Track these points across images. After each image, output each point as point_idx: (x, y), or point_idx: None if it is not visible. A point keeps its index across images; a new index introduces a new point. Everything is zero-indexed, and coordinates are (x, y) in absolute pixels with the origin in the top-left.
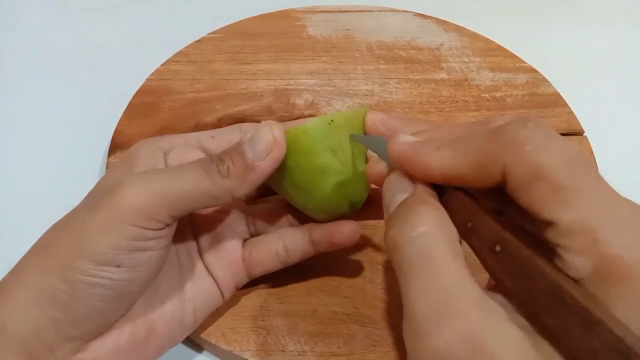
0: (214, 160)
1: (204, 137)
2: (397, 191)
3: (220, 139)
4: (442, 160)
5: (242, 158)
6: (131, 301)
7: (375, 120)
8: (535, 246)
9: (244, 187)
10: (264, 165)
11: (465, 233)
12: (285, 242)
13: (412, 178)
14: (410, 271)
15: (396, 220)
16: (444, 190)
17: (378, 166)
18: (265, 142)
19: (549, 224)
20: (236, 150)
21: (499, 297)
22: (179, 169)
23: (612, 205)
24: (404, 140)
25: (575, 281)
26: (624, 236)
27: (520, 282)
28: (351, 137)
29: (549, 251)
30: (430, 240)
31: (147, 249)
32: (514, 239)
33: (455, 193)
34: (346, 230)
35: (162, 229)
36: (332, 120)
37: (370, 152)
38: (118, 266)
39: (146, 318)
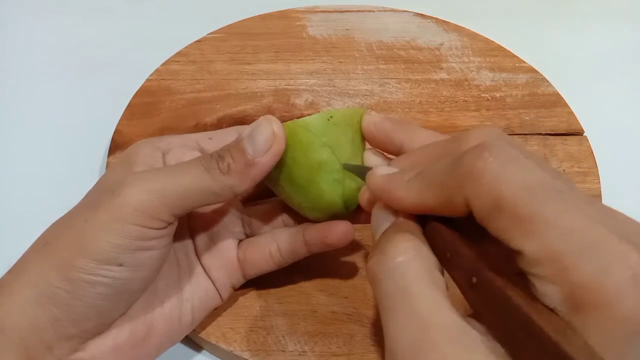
0: (214, 157)
1: (202, 138)
2: (381, 222)
3: (218, 141)
4: (411, 194)
5: (242, 154)
6: (131, 300)
7: (369, 123)
8: (519, 275)
9: (245, 183)
10: (264, 160)
11: (445, 263)
12: (279, 243)
13: (394, 209)
14: (389, 304)
15: (375, 251)
16: (426, 221)
17: (366, 195)
18: (264, 137)
19: (517, 252)
20: (236, 146)
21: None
22: (180, 167)
23: (577, 231)
24: (380, 174)
25: (551, 309)
26: (592, 262)
27: (497, 316)
28: (344, 166)
29: (525, 281)
30: (408, 272)
31: (150, 248)
32: (488, 270)
33: (433, 224)
34: (339, 231)
35: (164, 228)
36: (331, 117)
37: (366, 159)
38: (120, 265)
39: (145, 317)
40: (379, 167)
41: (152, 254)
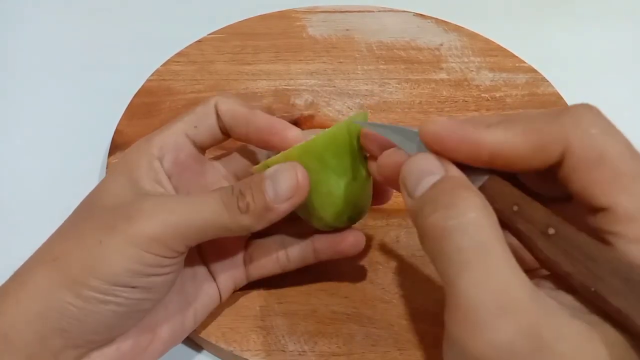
0: (235, 193)
1: (187, 128)
2: (424, 174)
3: (202, 127)
4: (495, 138)
5: (263, 197)
6: (141, 317)
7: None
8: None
9: (260, 224)
10: (284, 208)
11: (510, 217)
12: (288, 249)
13: (445, 159)
14: (462, 259)
15: (437, 205)
16: (476, 175)
17: (395, 156)
18: (288, 186)
19: (603, 209)
20: (257, 186)
21: (547, 284)
22: (199, 201)
23: None
24: (444, 120)
25: None
26: None
27: (582, 264)
28: (361, 125)
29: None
30: (483, 228)
31: (163, 274)
32: (567, 222)
33: (496, 178)
34: (350, 240)
35: (177, 257)
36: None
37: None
38: (133, 287)
39: (150, 325)
40: (439, 118)
41: (165, 278)
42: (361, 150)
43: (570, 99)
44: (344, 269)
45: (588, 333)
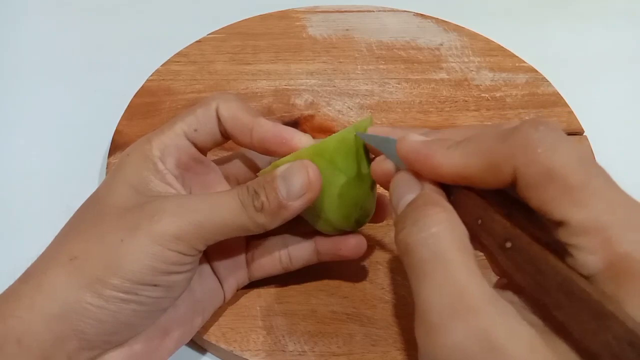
0: (250, 193)
1: (187, 130)
2: (404, 192)
3: (202, 131)
4: (453, 160)
5: (276, 195)
6: (158, 317)
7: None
8: (542, 245)
9: (275, 222)
10: (297, 205)
11: (475, 230)
12: (290, 250)
13: (420, 178)
14: (423, 270)
15: (406, 222)
16: (452, 189)
17: (384, 165)
18: (300, 184)
19: (560, 223)
20: (270, 185)
21: (509, 294)
22: (217, 201)
23: (623, 204)
24: (414, 139)
25: (586, 278)
26: (636, 234)
27: (532, 278)
28: (357, 135)
29: (558, 250)
30: (442, 241)
31: (183, 272)
32: (524, 235)
33: (464, 191)
34: (352, 243)
35: (196, 255)
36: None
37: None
38: (155, 285)
39: (161, 324)
40: (412, 134)
41: (184, 276)
42: (367, 153)
43: (570, 99)
44: (344, 269)
45: (540, 339)
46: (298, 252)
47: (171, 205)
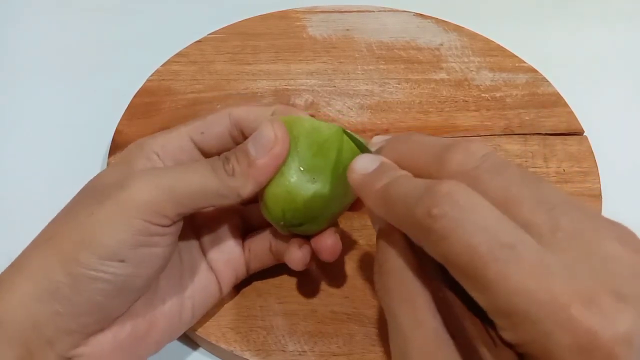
0: (221, 159)
1: (193, 133)
2: (374, 223)
3: (210, 134)
4: (377, 208)
5: (246, 155)
6: (132, 298)
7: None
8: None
9: (248, 185)
10: (265, 161)
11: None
12: (277, 241)
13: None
14: (380, 297)
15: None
16: None
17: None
18: (266, 139)
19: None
20: (240, 148)
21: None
22: (188, 167)
23: (524, 292)
24: (357, 173)
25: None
26: (537, 326)
27: (452, 333)
28: (346, 132)
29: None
30: (390, 288)
31: (152, 245)
32: (449, 290)
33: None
34: (329, 244)
35: (167, 226)
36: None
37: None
38: (122, 261)
39: (146, 314)
40: (361, 159)
41: (154, 251)
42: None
43: (570, 99)
44: (344, 269)
45: None
46: (281, 246)
47: (141, 173)
